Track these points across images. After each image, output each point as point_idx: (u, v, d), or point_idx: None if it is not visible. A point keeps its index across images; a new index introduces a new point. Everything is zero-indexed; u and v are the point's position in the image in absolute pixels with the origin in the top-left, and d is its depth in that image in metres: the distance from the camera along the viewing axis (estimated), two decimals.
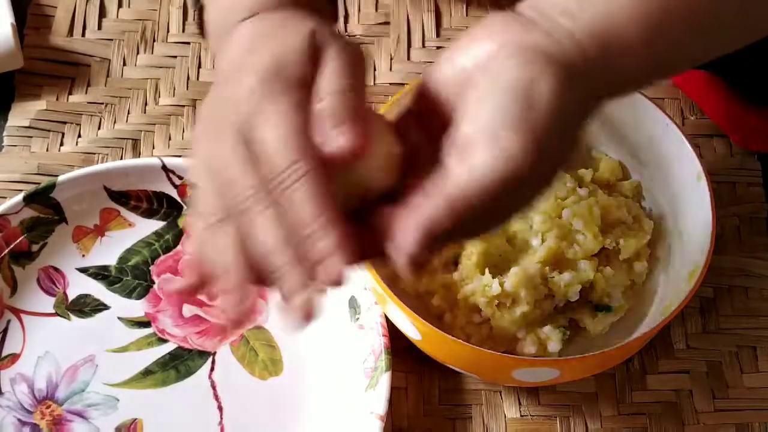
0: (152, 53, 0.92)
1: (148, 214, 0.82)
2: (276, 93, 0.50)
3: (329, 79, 0.50)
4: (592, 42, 0.50)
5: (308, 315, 0.49)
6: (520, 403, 0.77)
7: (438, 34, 0.93)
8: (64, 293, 0.79)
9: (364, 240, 0.50)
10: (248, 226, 0.49)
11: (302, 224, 0.48)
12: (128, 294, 0.79)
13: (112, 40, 0.92)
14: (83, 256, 0.81)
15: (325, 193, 0.48)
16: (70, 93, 0.89)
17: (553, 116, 0.49)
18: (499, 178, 0.48)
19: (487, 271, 0.73)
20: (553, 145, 0.49)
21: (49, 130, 0.88)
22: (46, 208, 0.80)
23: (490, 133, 0.48)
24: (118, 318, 0.79)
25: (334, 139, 0.49)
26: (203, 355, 0.77)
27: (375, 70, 0.91)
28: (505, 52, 0.49)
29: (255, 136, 0.49)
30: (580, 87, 0.50)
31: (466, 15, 0.94)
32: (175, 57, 0.92)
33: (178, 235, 0.81)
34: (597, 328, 0.75)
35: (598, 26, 0.50)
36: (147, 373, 0.77)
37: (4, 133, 0.87)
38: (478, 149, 0.48)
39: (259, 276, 0.50)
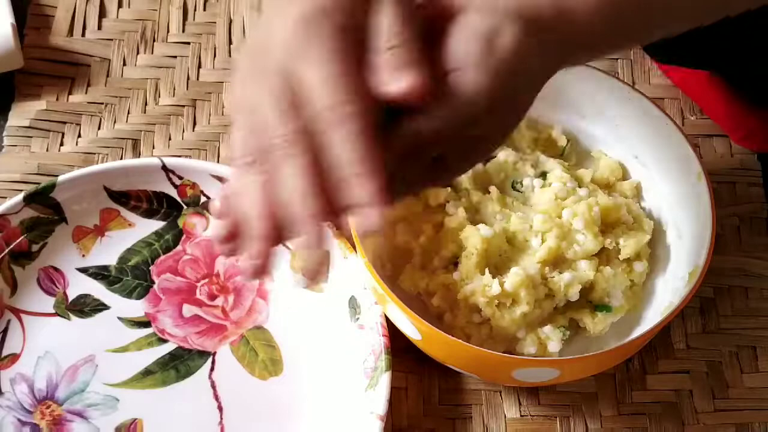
0: (152, 53, 0.92)
1: (148, 214, 0.82)
2: (323, 35, 0.49)
3: (389, 29, 0.50)
4: (552, 10, 0.53)
5: (318, 275, 0.48)
6: (520, 403, 0.77)
7: None
8: (64, 293, 0.79)
9: None
10: (280, 173, 0.47)
11: (339, 169, 0.47)
12: (128, 294, 0.79)
13: (112, 40, 0.92)
14: (83, 256, 0.81)
15: (373, 138, 0.47)
16: (70, 93, 0.89)
17: (515, 62, 0.51)
18: (460, 108, 0.51)
19: (487, 271, 0.73)
20: (513, 90, 0.52)
21: (49, 130, 0.88)
22: (46, 208, 0.80)
23: (454, 68, 0.50)
24: (118, 318, 0.79)
25: (397, 80, 0.48)
26: (203, 355, 0.77)
27: None
28: (477, 7, 0.52)
29: (296, 79, 0.48)
30: (546, 45, 0.53)
31: None
32: (175, 57, 0.92)
33: (178, 235, 0.81)
34: (597, 328, 0.75)
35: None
36: (147, 373, 0.77)
37: (4, 133, 0.87)
38: (444, 83, 0.50)
39: (278, 226, 0.48)
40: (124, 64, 0.91)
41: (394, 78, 0.49)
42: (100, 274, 0.80)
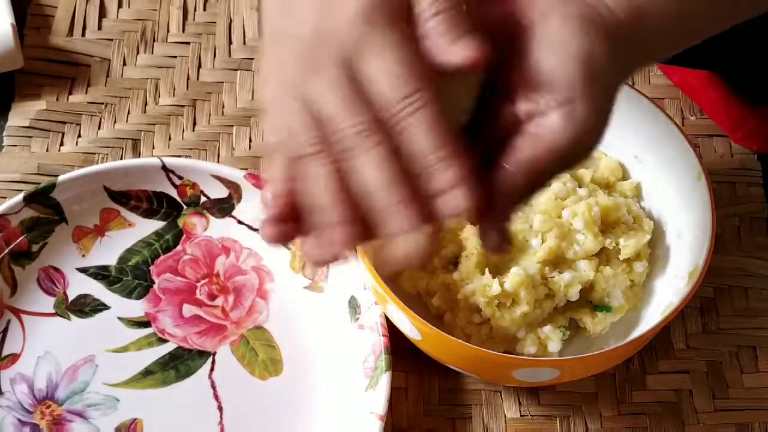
0: (152, 53, 0.92)
1: (148, 214, 0.82)
2: (382, 25, 0.49)
3: (431, 2, 0.49)
4: (628, 15, 0.52)
5: (413, 256, 0.49)
6: (520, 403, 0.77)
7: None
8: (64, 293, 0.79)
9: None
10: (355, 163, 0.48)
11: (422, 157, 0.48)
12: (128, 294, 0.79)
13: (112, 40, 0.92)
14: (83, 256, 0.81)
15: (446, 124, 0.48)
16: (70, 93, 0.89)
17: (609, 86, 0.52)
18: (573, 143, 0.51)
19: (487, 271, 0.73)
20: (606, 111, 0.53)
21: (49, 130, 0.88)
22: (46, 208, 0.80)
23: (563, 101, 0.50)
24: (118, 318, 0.79)
25: (456, 52, 0.48)
26: (203, 355, 0.77)
27: None
28: (557, 19, 0.51)
29: (361, 70, 0.48)
30: (620, 56, 0.53)
31: None
32: (175, 57, 0.92)
33: (178, 235, 0.81)
34: (597, 328, 0.75)
35: (634, 2, 0.53)
36: (147, 373, 0.77)
37: (4, 133, 0.87)
38: (554, 117, 0.51)
39: (356, 215, 0.49)
40: (124, 64, 0.91)
41: (450, 46, 0.48)
42: (100, 274, 0.80)
